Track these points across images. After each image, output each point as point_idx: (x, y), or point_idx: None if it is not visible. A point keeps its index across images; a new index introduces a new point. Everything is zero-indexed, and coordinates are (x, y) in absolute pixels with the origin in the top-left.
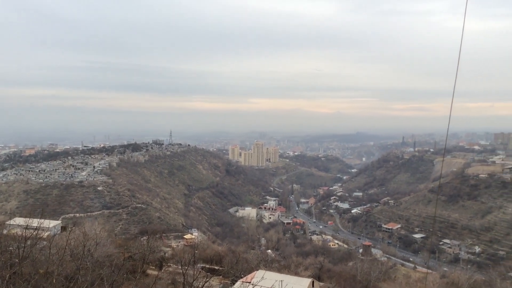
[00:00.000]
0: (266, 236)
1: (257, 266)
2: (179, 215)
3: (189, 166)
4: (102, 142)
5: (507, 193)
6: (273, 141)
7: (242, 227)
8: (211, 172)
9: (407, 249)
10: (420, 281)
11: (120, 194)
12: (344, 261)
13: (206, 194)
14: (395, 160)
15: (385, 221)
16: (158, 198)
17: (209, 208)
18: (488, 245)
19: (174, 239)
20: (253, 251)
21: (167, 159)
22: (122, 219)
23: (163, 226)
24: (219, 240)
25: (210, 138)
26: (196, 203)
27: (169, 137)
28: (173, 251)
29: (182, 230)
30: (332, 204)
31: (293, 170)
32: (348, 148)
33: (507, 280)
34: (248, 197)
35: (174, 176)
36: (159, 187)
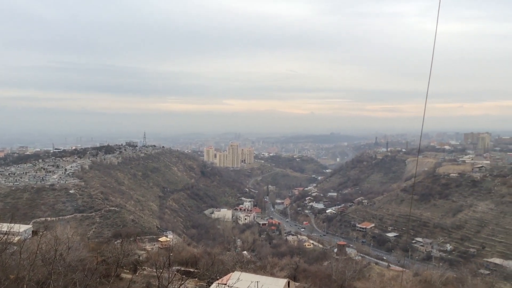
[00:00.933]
0: (242, 237)
1: (233, 267)
2: (153, 218)
3: (163, 168)
4: (74, 145)
5: (477, 191)
6: (248, 142)
7: (217, 228)
8: (186, 173)
9: (380, 248)
10: (394, 279)
11: (93, 197)
12: (320, 261)
13: (181, 196)
14: (368, 160)
15: (359, 221)
16: (132, 201)
17: (184, 210)
18: (459, 243)
19: (148, 242)
20: (228, 252)
21: (141, 161)
22: (95, 222)
23: (137, 229)
24: (194, 242)
25: (185, 139)
26: (171, 205)
27: (143, 138)
28: (148, 254)
29: (156, 233)
30: (307, 204)
31: (268, 171)
32: (322, 149)
33: (478, 277)
34: (224, 199)
35: (148, 178)
36: (133, 190)
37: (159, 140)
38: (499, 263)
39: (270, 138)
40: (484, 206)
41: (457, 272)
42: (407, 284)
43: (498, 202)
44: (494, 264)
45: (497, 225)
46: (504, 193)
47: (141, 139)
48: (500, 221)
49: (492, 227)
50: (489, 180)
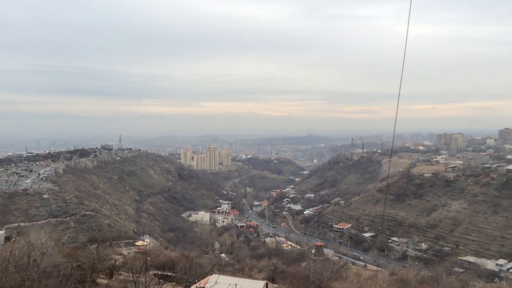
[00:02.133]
0: (220, 240)
1: (211, 270)
2: (130, 222)
3: (140, 171)
4: (47, 148)
5: (450, 191)
6: (226, 145)
7: (195, 231)
8: (163, 176)
9: (357, 248)
10: (371, 279)
11: (68, 202)
12: (297, 262)
13: (158, 199)
14: (345, 161)
15: (336, 221)
16: (108, 205)
17: (161, 214)
18: (434, 242)
19: (125, 246)
20: (206, 255)
21: (117, 165)
22: (70, 227)
23: (113, 233)
24: (172, 245)
25: (162, 142)
26: (148, 209)
27: (118, 142)
28: (124, 258)
29: (133, 237)
30: (285, 206)
31: (246, 173)
32: (299, 150)
33: (452, 275)
34: (201, 201)
35: (124, 182)
36: (109, 194)
37: (135, 143)
38: (472, 261)
39: (247, 140)
40: (457, 205)
41: (432, 271)
42: (384, 284)
43: (471, 201)
44: (468, 262)
45: (470, 224)
46: (477, 193)
47: (116, 142)
48: (473, 220)
49: (466, 226)
50: (462, 180)
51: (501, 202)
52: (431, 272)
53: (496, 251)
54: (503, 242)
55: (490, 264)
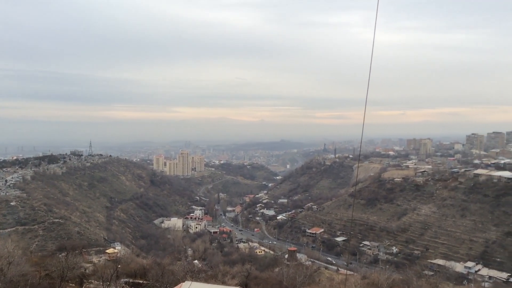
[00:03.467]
0: (193, 246)
1: (183, 277)
2: (100, 229)
3: (111, 178)
4: (14, 154)
5: (420, 195)
6: (199, 150)
7: (168, 238)
8: (134, 183)
9: (330, 252)
10: (343, 282)
11: (36, 209)
12: (271, 267)
13: (129, 206)
14: (317, 166)
15: (309, 226)
16: (78, 212)
17: (133, 221)
18: (404, 245)
19: (95, 254)
20: (179, 262)
21: (87, 171)
22: (38, 235)
23: (83, 241)
24: (143, 253)
25: (133, 148)
26: (119, 216)
27: (88, 147)
28: (95, 266)
29: (104, 245)
30: (258, 211)
31: (219, 179)
32: (272, 156)
33: (423, 278)
34: (174, 207)
35: (94, 189)
36: (79, 201)
37: (106, 149)
38: (442, 264)
39: (220, 146)
40: (427, 209)
41: (403, 274)
42: (356, 287)
43: (440, 205)
44: (437, 265)
45: (440, 228)
46: (445, 197)
47: (86, 148)
48: (442, 224)
49: (435, 230)
50: (431, 184)
51: (469, 206)
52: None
53: (465, 254)
54: (471, 245)
55: (459, 266)
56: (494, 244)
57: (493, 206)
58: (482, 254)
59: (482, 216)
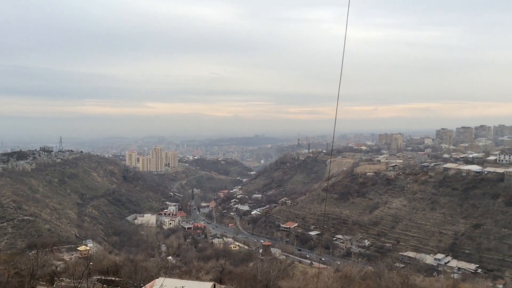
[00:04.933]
0: (167, 243)
1: (157, 274)
2: (71, 226)
3: (82, 174)
4: None
5: (391, 189)
6: (172, 146)
7: (141, 234)
8: (106, 179)
9: (304, 246)
10: (316, 276)
11: (4, 206)
12: (245, 262)
13: (101, 202)
14: (291, 161)
15: (283, 221)
16: (48, 209)
17: (105, 217)
18: (376, 238)
19: (66, 251)
20: (153, 258)
21: (57, 167)
22: (7, 233)
23: (54, 238)
24: (116, 250)
25: (105, 144)
26: (91, 213)
27: (59, 143)
28: (66, 264)
29: (75, 242)
30: (233, 206)
31: (193, 174)
32: (247, 151)
33: (394, 270)
34: (147, 204)
35: (65, 185)
36: (49, 197)
37: (77, 144)
38: (412, 256)
39: (194, 141)
40: (398, 202)
41: (375, 267)
42: (329, 280)
43: (411, 199)
44: (408, 257)
45: (410, 221)
46: (416, 190)
47: (57, 144)
48: (412, 217)
49: (406, 223)
50: (402, 178)
51: (438, 199)
52: (374, 268)
53: (434, 246)
54: (440, 238)
55: (429, 258)
56: (463, 236)
57: (462, 199)
58: (451, 246)
59: (451, 209)
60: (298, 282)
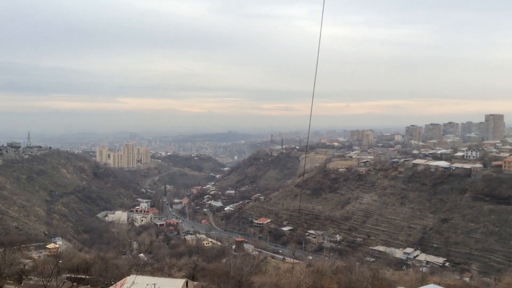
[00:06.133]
0: (138, 240)
1: (128, 271)
2: (40, 224)
3: (51, 170)
4: None
5: (362, 184)
6: (145, 142)
7: (112, 232)
8: (76, 175)
9: (276, 242)
10: (289, 271)
11: None
12: (218, 259)
13: (71, 199)
14: (264, 157)
15: (257, 217)
16: (16, 206)
17: (75, 214)
18: (348, 233)
19: (35, 249)
20: (124, 256)
21: (25, 164)
22: None
23: (22, 236)
24: (86, 247)
25: (75, 139)
26: (60, 210)
27: (27, 139)
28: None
29: (44, 240)
30: (206, 203)
31: (166, 171)
32: (220, 147)
33: (365, 264)
34: (119, 200)
35: (34, 182)
36: (16, 194)
37: (45, 140)
38: (382, 250)
39: (167, 137)
40: (369, 198)
41: (346, 261)
42: (301, 275)
43: (381, 194)
44: (378, 251)
45: (380, 215)
46: (386, 186)
47: (24, 139)
48: (383, 212)
49: (376, 218)
50: (373, 174)
51: (407, 194)
52: (345, 262)
53: (404, 240)
54: (409, 232)
55: (399, 252)
56: (431, 231)
57: (430, 194)
58: (420, 240)
59: (420, 204)
60: (271, 277)
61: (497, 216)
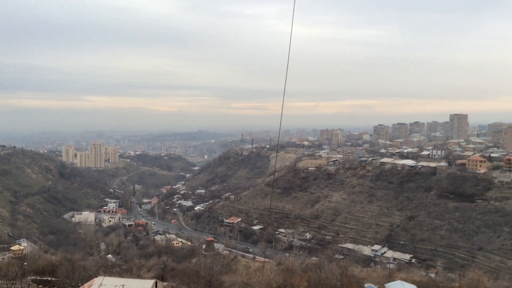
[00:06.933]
0: (106, 241)
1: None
2: (4, 225)
3: (15, 170)
4: None
5: (332, 183)
6: (113, 141)
7: (79, 233)
8: (42, 176)
9: (247, 241)
10: (259, 270)
11: None
12: (188, 259)
13: (36, 200)
14: (235, 156)
15: (227, 216)
16: None
17: (40, 215)
18: (317, 231)
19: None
20: (91, 257)
21: None
22: None
23: None
24: (52, 249)
25: (40, 139)
26: (25, 211)
27: None
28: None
29: (8, 241)
30: (176, 202)
31: (135, 170)
32: (190, 146)
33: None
34: (86, 201)
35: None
36: None
37: (9, 139)
38: (351, 247)
39: (136, 137)
40: (338, 196)
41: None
42: (271, 274)
43: (350, 192)
44: (347, 249)
45: (349, 213)
46: (355, 184)
47: None
48: (351, 210)
49: (345, 216)
50: (342, 173)
51: (375, 193)
52: (315, 260)
53: (372, 238)
54: (377, 229)
55: (367, 250)
56: (398, 228)
57: (397, 192)
58: (387, 238)
59: (387, 202)
60: (241, 276)
61: (461, 213)
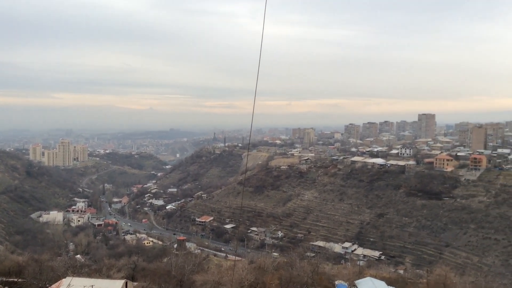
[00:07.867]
0: (75, 241)
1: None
2: None
3: None
4: None
5: (304, 181)
6: (82, 139)
7: (47, 233)
8: (8, 174)
9: (219, 239)
10: (231, 268)
11: None
12: (159, 258)
13: (2, 199)
14: (207, 155)
15: (199, 215)
16: None
17: (6, 215)
18: (289, 230)
19: None
20: (59, 258)
21: None
22: None
23: None
24: (19, 249)
25: (6, 137)
26: None
27: None
28: None
29: None
30: (147, 201)
31: (105, 169)
32: (162, 145)
33: (305, 259)
34: (54, 200)
35: None
36: None
37: None
38: (322, 245)
39: (106, 135)
40: (309, 194)
41: (287, 257)
42: (243, 272)
43: (321, 191)
44: (318, 247)
45: (321, 212)
46: (326, 182)
47: None
48: (323, 208)
49: (317, 214)
50: (314, 171)
51: (346, 191)
52: (287, 258)
53: (342, 235)
54: (348, 227)
55: (338, 247)
56: (368, 225)
57: (367, 190)
58: (358, 235)
59: (358, 199)
60: (213, 275)
61: (428, 210)
